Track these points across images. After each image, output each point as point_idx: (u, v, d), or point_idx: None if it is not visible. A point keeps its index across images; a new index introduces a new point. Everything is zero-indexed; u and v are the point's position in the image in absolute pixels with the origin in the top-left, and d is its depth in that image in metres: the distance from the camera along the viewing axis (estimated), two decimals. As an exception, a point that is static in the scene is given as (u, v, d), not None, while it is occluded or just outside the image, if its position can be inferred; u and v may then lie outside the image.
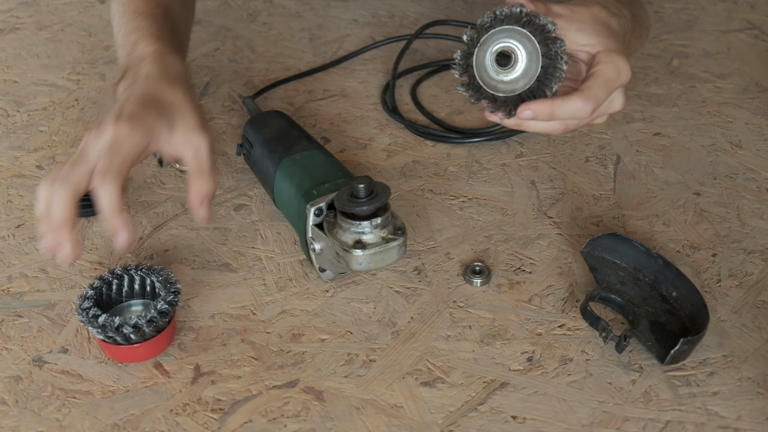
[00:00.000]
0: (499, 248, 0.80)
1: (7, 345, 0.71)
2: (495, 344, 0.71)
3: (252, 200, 0.86)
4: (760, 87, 1.01)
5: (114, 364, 0.69)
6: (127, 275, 0.72)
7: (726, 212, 0.83)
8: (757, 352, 0.70)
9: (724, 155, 0.91)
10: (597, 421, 0.64)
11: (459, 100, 1.00)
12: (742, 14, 1.16)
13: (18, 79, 1.05)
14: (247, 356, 0.70)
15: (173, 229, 0.83)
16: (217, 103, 1.00)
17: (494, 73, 0.72)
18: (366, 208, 0.68)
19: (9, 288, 0.77)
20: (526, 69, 0.71)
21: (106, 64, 1.07)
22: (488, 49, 0.71)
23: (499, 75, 0.72)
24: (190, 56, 1.09)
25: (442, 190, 0.87)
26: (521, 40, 0.71)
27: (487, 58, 0.72)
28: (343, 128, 0.96)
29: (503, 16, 0.71)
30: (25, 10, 1.19)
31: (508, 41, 0.71)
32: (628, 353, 0.70)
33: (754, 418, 0.65)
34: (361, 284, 0.76)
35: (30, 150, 0.93)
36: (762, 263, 0.78)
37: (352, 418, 0.65)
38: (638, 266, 0.75)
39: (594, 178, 0.88)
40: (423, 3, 1.18)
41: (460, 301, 0.75)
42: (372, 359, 0.70)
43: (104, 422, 0.65)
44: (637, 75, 1.04)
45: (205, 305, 0.75)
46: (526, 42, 0.71)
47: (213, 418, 0.65)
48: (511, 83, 0.72)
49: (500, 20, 0.71)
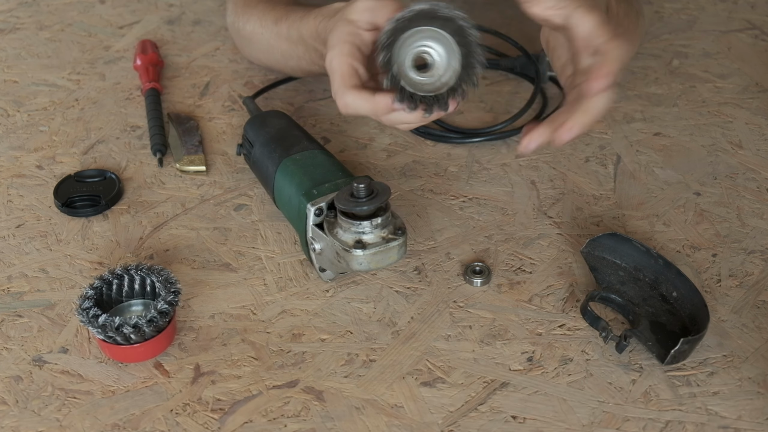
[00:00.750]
0: (500, 248, 0.80)
1: (7, 345, 0.71)
2: (495, 344, 0.71)
3: (252, 200, 0.86)
4: (760, 87, 1.01)
5: (114, 364, 0.69)
6: (127, 275, 0.72)
7: (726, 212, 0.83)
8: (757, 352, 0.70)
9: (724, 155, 0.91)
10: (597, 421, 0.64)
11: (459, 100, 1.00)
12: (742, 14, 1.16)
13: (18, 79, 1.05)
14: (247, 356, 0.70)
15: (173, 229, 0.83)
16: (217, 103, 1.00)
17: (415, 76, 0.69)
18: (366, 208, 0.68)
19: (9, 288, 0.77)
20: (446, 67, 0.69)
21: (106, 64, 1.07)
22: (405, 56, 0.68)
23: (420, 77, 0.69)
24: (190, 56, 1.09)
25: (442, 190, 0.87)
26: (436, 40, 0.68)
27: (406, 64, 0.69)
28: (343, 128, 0.96)
29: (412, 16, 0.67)
30: (25, 10, 1.19)
31: (423, 46, 0.68)
32: (628, 353, 0.70)
33: (755, 418, 0.65)
34: (361, 284, 0.76)
35: (30, 150, 0.93)
36: (762, 263, 0.78)
37: (352, 418, 0.65)
38: (638, 266, 0.75)
39: (594, 178, 0.88)
40: (423, 3, 1.18)
41: (461, 301, 0.75)
42: (372, 359, 0.70)
43: (104, 422, 0.65)
44: (637, 75, 1.04)
45: (205, 305, 0.75)
46: (442, 41, 0.68)
47: (213, 418, 0.65)
48: (433, 83, 0.69)
49: (409, 20, 0.67)
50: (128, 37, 1.13)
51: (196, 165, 0.89)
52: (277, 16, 0.91)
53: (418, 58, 0.69)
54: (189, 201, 0.86)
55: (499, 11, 1.16)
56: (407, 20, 0.67)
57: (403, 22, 0.67)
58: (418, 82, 0.68)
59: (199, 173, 0.89)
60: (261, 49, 0.97)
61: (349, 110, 0.70)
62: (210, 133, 0.95)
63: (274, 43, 0.92)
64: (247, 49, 1.01)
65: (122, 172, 0.90)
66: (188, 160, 0.90)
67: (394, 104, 0.68)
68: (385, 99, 0.68)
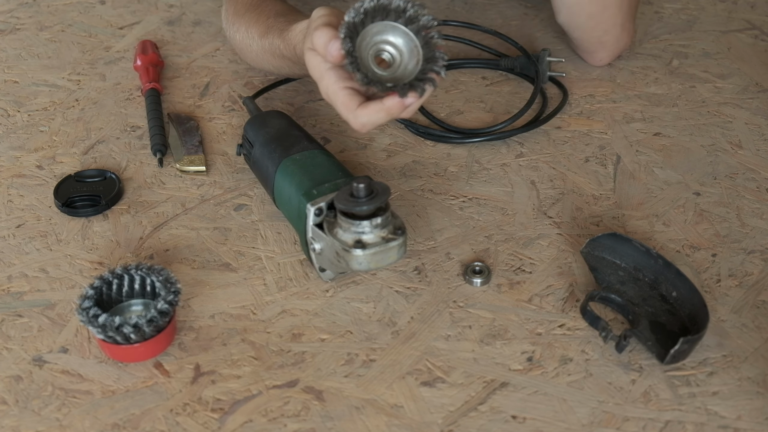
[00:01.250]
0: (499, 248, 0.80)
1: (7, 345, 0.71)
2: (495, 344, 0.71)
3: (252, 200, 0.86)
4: (760, 87, 1.01)
5: (114, 363, 0.69)
6: (128, 275, 0.72)
7: (726, 212, 0.83)
8: (756, 352, 0.70)
9: (724, 155, 0.91)
10: (597, 421, 0.64)
11: (459, 100, 1.00)
12: (742, 14, 1.16)
13: (18, 79, 1.05)
14: (247, 356, 0.70)
15: (173, 229, 0.83)
16: (217, 103, 1.00)
17: (379, 71, 0.70)
18: (366, 208, 0.68)
19: (9, 288, 0.77)
20: (407, 61, 0.70)
21: (106, 65, 1.07)
22: (367, 51, 0.70)
23: (383, 72, 0.70)
24: (190, 56, 1.09)
25: (442, 190, 0.87)
26: (396, 35, 0.69)
27: (368, 59, 0.70)
28: (343, 128, 0.96)
29: (371, 8, 0.69)
30: (25, 10, 1.19)
31: (383, 43, 0.70)
32: (628, 353, 0.70)
33: (754, 418, 0.65)
34: (361, 284, 0.77)
35: (30, 150, 0.93)
36: (762, 263, 0.78)
37: (352, 418, 0.65)
38: (638, 266, 0.75)
39: (594, 178, 0.88)
40: (423, 3, 1.18)
41: (460, 301, 0.75)
42: (372, 359, 0.70)
43: (104, 422, 0.65)
44: (637, 75, 1.04)
45: (205, 305, 0.75)
46: (402, 36, 0.69)
47: (213, 418, 0.65)
48: (397, 76, 0.70)
49: (369, 14, 0.69)
50: (128, 37, 1.13)
51: (196, 165, 0.89)
52: (261, 31, 0.91)
53: (378, 58, 0.71)
54: (189, 201, 0.86)
55: (499, 11, 1.16)
56: (357, 24, 0.69)
57: (353, 27, 0.69)
58: (386, 76, 0.70)
59: (199, 173, 0.89)
60: (251, 58, 0.97)
61: (368, 127, 0.71)
62: (210, 133, 0.95)
63: (263, 55, 0.93)
64: (241, 55, 1.01)
65: (122, 172, 0.90)
66: (188, 160, 0.90)
67: (405, 101, 0.69)
68: (393, 100, 0.68)
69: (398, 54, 0.71)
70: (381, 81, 0.69)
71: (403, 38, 0.70)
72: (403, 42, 0.70)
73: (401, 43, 0.70)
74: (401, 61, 0.71)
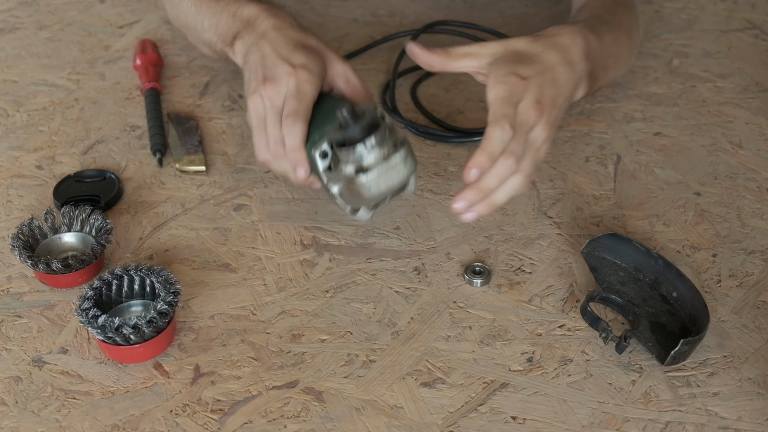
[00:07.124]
0: (499, 248, 0.80)
1: (7, 345, 0.71)
2: (495, 345, 0.71)
3: (252, 200, 0.86)
4: (760, 87, 1.01)
5: (114, 364, 0.69)
6: (127, 276, 0.72)
7: (726, 212, 0.83)
8: (757, 353, 0.70)
9: (724, 155, 0.91)
10: (597, 422, 0.64)
11: (459, 99, 1.00)
12: (742, 14, 1.16)
13: (18, 78, 1.05)
14: (247, 357, 0.70)
15: (173, 229, 0.83)
16: (217, 103, 1.00)
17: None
18: (354, 132, 0.67)
19: (9, 288, 0.77)
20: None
21: (106, 64, 1.07)
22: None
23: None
24: (190, 55, 1.09)
25: (442, 190, 0.87)
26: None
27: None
28: (343, 128, 0.96)
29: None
30: (24, 9, 1.19)
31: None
32: (628, 354, 0.69)
33: (755, 418, 0.65)
34: (361, 284, 0.76)
35: (30, 150, 0.93)
36: (762, 263, 0.78)
37: (352, 419, 0.65)
38: (638, 266, 0.75)
39: (594, 178, 0.88)
40: (423, 3, 1.18)
41: (460, 302, 0.75)
42: (372, 360, 0.70)
43: (104, 423, 0.65)
44: (637, 75, 1.03)
45: (205, 305, 0.75)
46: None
47: (213, 419, 0.65)
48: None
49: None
50: (128, 36, 1.13)
51: (195, 165, 0.89)
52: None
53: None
54: (189, 201, 0.86)
55: (499, 11, 1.16)
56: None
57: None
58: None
59: (199, 173, 0.89)
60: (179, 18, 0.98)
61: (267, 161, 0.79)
62: (210, 133, 0.95)
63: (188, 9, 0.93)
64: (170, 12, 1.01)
65: (122, 172, 0.90)
66: (188, 160, 0.90)
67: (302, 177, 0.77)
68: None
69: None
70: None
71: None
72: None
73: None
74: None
